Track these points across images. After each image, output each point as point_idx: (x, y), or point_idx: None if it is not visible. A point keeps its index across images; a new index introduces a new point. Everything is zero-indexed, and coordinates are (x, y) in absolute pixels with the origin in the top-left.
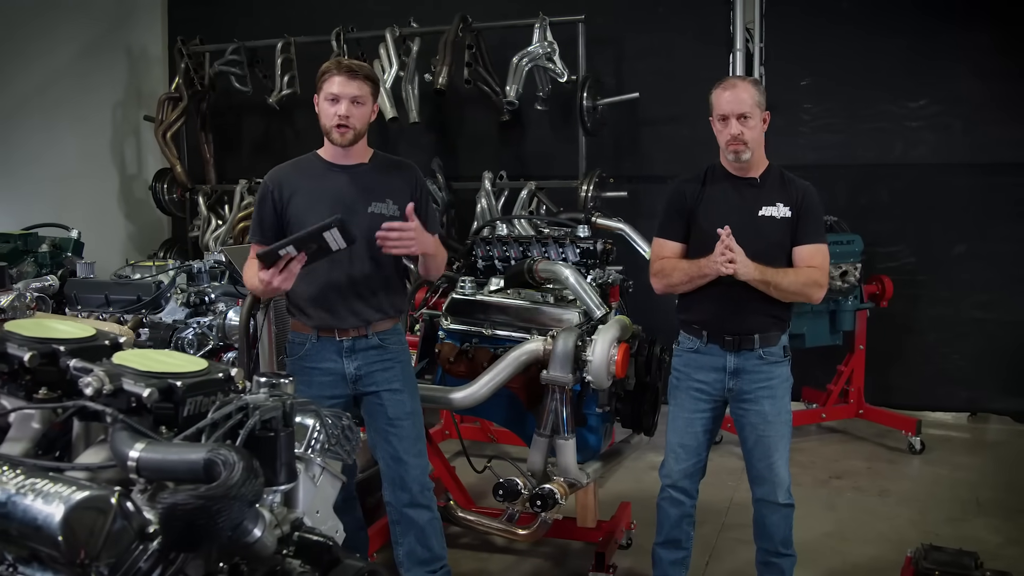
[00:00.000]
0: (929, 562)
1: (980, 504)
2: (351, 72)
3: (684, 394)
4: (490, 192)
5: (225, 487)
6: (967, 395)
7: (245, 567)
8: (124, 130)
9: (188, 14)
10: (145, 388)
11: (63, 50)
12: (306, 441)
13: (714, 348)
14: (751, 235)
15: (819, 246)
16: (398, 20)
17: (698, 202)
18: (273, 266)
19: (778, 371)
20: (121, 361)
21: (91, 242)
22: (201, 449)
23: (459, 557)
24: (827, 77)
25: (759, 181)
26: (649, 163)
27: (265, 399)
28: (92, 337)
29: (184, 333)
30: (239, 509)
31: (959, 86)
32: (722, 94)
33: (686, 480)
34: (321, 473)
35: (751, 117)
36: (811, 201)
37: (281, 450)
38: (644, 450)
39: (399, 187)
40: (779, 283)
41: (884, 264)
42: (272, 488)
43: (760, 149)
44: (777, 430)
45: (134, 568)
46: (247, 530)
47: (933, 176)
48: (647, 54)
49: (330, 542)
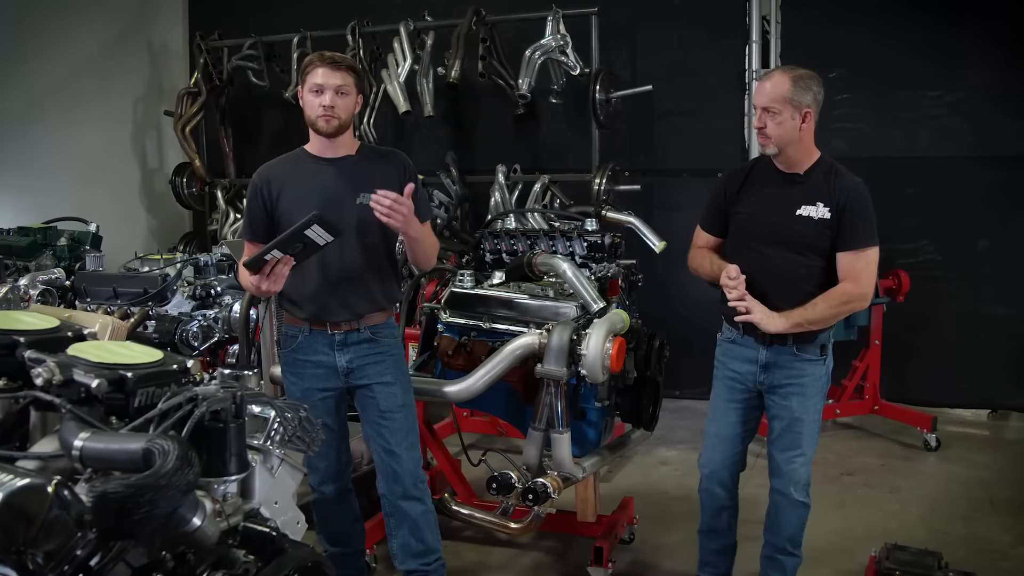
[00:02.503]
0: (891, 562)
1: (994, 503)
2: (334, 63)
3: (721, 383)
4: (504, 186)
5: (156, 476)
6: (987, 392)
7: (192, 556)
8: (145, 125)
9: (209, 9)
10: (95, 379)
11: (85, 45)
12: (266, 433)
13: (749, 340)
14: (786, 235)
15: (862, 252)
16: (413, 14)
17: (737, 198)
18: (259, 272)
19: (811, 369)
20: (76, 352)
21: (114, 236)
22: (141, 439)
23: (461, 549)
24: (845, 69)
25: (803, 177)
26: (664, 156)
27: (215, 391)
28: (53, 329)
29: (189, 326)
30: (172, 497)
31: (979, 78)
32: (758, 84)
33: (723, 471)
34: (280, 464)
35: (778, 113)
36: (856, 201)
37: (231, 441)
38: (655, 445)
39: (387, 177)
40: (813, 320)
41: (904, 259)
42: (222, 478)
43: (797, 145)
44: (803, 428)
45: (71, 555)
46: (185, 519)
47: (953, 169)
48: (662, 47)
49: (274, 533)
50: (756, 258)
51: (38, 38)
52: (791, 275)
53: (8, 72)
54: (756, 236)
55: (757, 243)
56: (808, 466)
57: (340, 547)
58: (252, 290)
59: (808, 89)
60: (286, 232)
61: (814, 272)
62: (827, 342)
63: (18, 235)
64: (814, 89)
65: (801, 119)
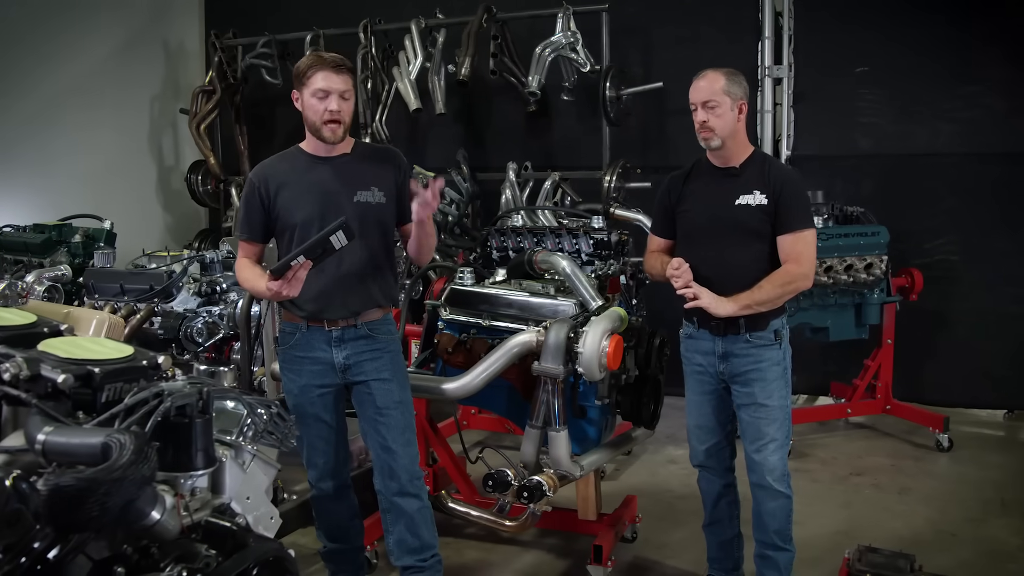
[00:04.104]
0: (863, 564)
1: (1004, 504)
2: (337, 67)
3: (691, 378)
4: (514, 183)
5: (109, 469)
6: (1003, 392)
7: (156, 550)
8: (162, 123)
9: (224, 8)
10: (61, 374)
11: (102, 44)
12: (238, 429)
13: (704, 333)
14: (729, 225)
15: (799, 234)
16: (424, 11)
17: (681, 197)
18: (282, 277)
19: (768, 354)
20: (47, 348)
21: (131, 233)
22: (102, 433)
23: (463, 547)
24: (860, 65)
25: (738, 170)
26: (676, 154)
27: (182, 386)
28: (29, 325)
29: (194, 322)
30: (126, 491)
31: (997, 73)
32: (694, 84)
33: (712, 459)
34: (252, 460)
35: (718, 105)
36: (791, 188)
37: (196, 436)
38: (664, 444)
39: (383, 174)
40: (760, 301)
41: (919, 259)
42: (189, 473)
43: (734, 137)
44: (768, 414)
45: (29, 548)
46: (143, 512)
47: (969, 167)
48: (675, 43)
49: (235, 528)
50: (703, 251)
51: (56, 38)
52: (737, 262)
53: (27, 71)
54: (700, 229)
55: (702, 236)
56: (780, 453)
57: (339, 543)
58: (269, 295)
59: (740, 83)
60: (314, 238)
61: (759, 257)
62: (780, 328)
63: (34, 232)
64: (743, 84)
65: (738, 111)
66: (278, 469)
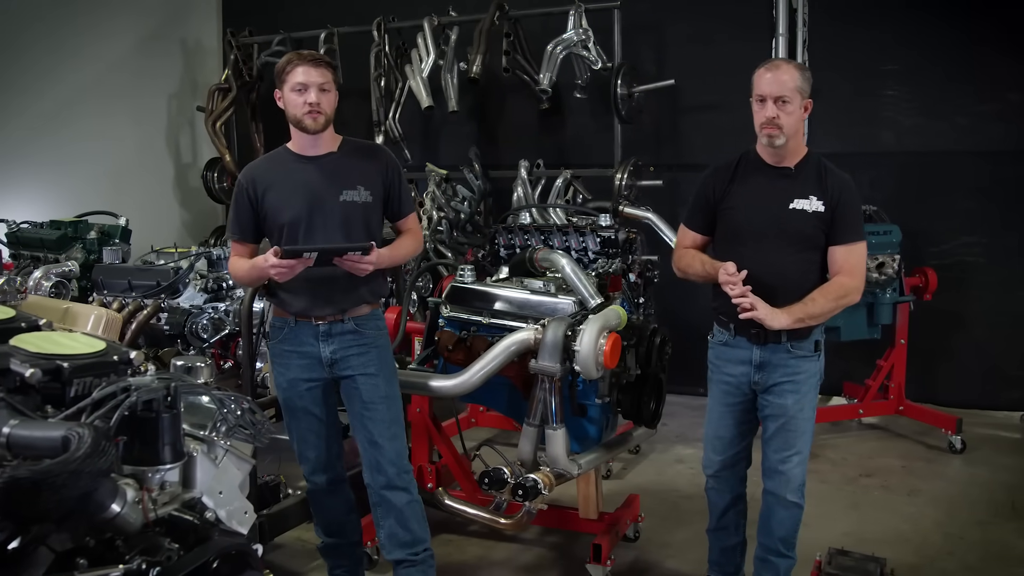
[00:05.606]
0: (833, 567)
1: (1015, 507)
2: (314, 61)
3: (716, 387)
4: (526, 181)
5: (65, 462)
6: (1018, 393)
7: (121, 543)
8: (179, 120)
9: (241, 6)
10: (29, 368)
11: (121, 43)
12: (211, 424)
13: (741, 341)
14: (780, 229)
15: (853, 247)
16: (437, 9)
17: (726, 194)
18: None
19: (806, 366)
20: (18, 343)
21: (148, 229)
22: (62, 427)
23: (465, 543)
24: (875, 63)
25: (793, 171)
26: (689, 151)
27: (149, 381)
28: (7, 320)
29: (199, 318)
30: (82, 483)
31: (1014, 72)
32: (764, 75)
33: (726, 471)
34: (225, 455)
35: (789, 102)
36: (848, 196)
37: (163, 430)
38: (672, 443)
39: (369, 172)
40: (813, 314)
41: (934, 260)
42: (156, 467)
43: (797, 137)
44: (798, 426)
45: None
46: (103, 505)
47: (986, 166)
48: (687, 40)
49: (197, 521)
50: (751, 254)
51: (75, 37)
52: (788, 269)
53: (46, 69)
54: (748, 231)
55: (749, 238)
56: (803, 466)
57: (336, 538)
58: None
59: (809, 80)
60: (342, 245)
61: (809, 266)
62: (820, 338)
63: (50, 228)
64: (811, 80)
65: (803, 109)
66: (253, 464)
